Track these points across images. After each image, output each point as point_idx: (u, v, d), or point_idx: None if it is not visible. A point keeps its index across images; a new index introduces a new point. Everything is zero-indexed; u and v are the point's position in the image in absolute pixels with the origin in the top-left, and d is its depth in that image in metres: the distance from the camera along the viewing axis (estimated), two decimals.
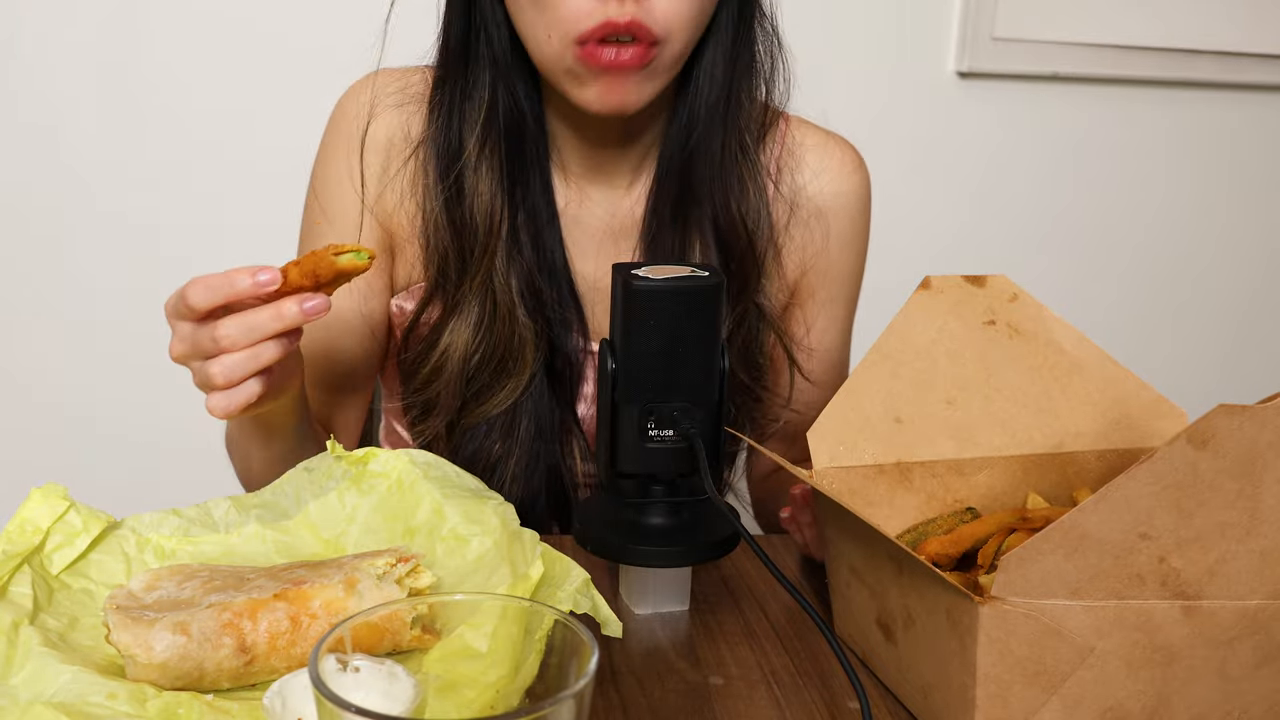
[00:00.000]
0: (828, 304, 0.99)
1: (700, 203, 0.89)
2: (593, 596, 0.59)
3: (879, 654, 0.66)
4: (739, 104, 0.88)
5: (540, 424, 0.90)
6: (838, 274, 0.98)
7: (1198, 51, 1.88)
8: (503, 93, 0.85)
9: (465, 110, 0.86)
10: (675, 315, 0.66)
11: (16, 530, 0.63)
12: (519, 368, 0.88)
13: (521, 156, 0.87)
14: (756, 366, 0.93)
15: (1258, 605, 0.54)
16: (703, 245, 0.89)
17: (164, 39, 1.56)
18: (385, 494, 0.70)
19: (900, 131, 1.87)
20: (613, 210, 0.92)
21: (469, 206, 0.86)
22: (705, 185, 0.88)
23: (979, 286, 0.74)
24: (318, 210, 0.92)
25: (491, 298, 0.87)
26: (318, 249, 0.66)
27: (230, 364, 0.66)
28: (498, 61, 0.85)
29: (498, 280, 0.87)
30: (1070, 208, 1.95)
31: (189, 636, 0.55)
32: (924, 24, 1.80)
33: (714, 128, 0.87)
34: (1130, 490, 0.50)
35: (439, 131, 0.87)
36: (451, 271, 0.88)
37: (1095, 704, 0.55)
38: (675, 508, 0.71)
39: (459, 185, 0.86)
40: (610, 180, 0.92)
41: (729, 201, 0.89)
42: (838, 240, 0.97)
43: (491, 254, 0.86)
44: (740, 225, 0.89)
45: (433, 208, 0.87)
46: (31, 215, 1.60)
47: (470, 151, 0.86)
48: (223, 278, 0.65)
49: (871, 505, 0.70)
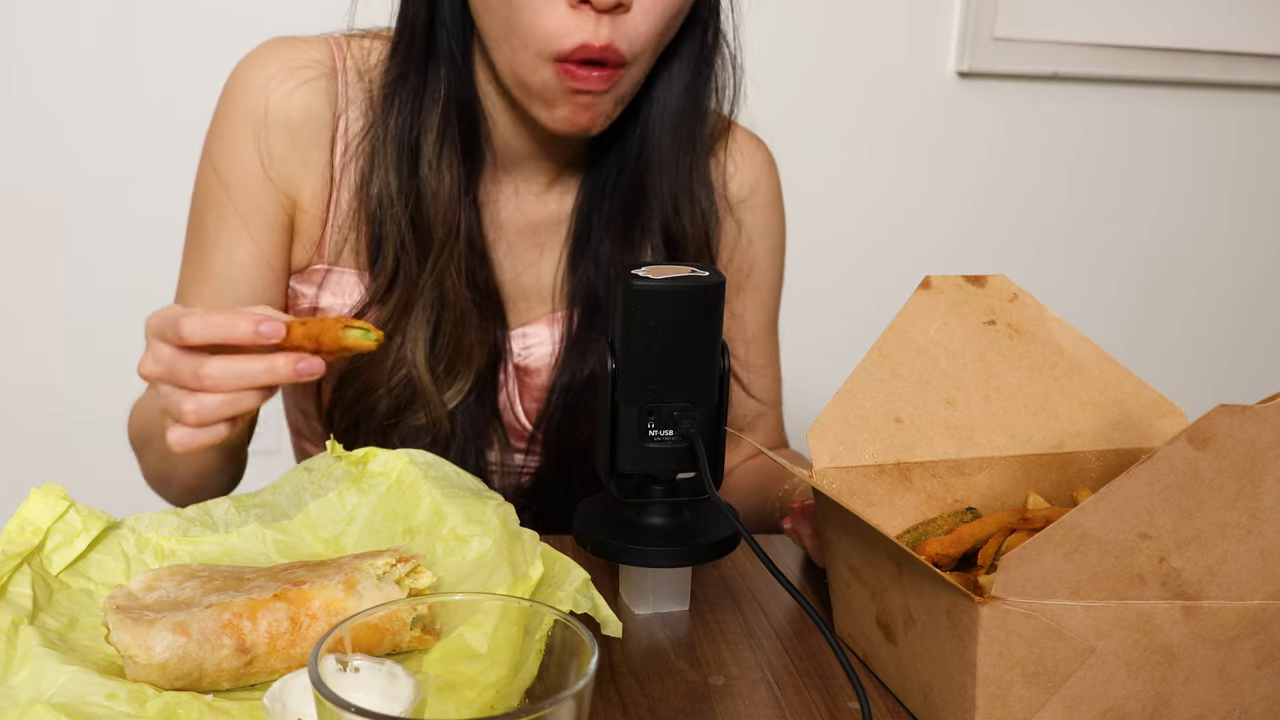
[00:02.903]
0: (752, 293, 1.01)
1: (651, 210, 0.89)
2: (593, 596, 0.59)
3: (879, 654, 0.66)
4: (694, 116, 0.88)
5: (473, 417, 0.89)
6: (758, 263, 1.00)
7: (1198, 51, 1.88)
8: (457, 89, 0.84)
9: (425, 107, 0.84)
10: (675, 315, 0.66)
11: (16, 530, 0.63)
12: (466, 369, 0.87)
13: (477, 154, 0.87)
14: None
15: (1258, 605, 0.54)
16: (653, 252, 0.90)
17: (164, 40, 1.56)
18: (385, 494, 0.70)
19: (900, 131, 1.87)
20: (529, 206, 0.92)
21: (429, 206, 0.84)
22: (658, 194, 0.88)
23: (979, 286, 0.74)
24: (215, 181, 0.88)
25: (441, 297, 0.86)
26: (328, 317, 0.64)
27: (207, 405, 0.64)
28: (454, 56, 0.84)
29: (449, 278, 0.85)
30: (1070, 207, 1.96)
31: (189, 637, 0.55)
32: (924, 24, 1.81)
33: (665, 139, 0.87)
34: (1130, 490, 0.50)
35: (397, 128, 0.85)
36: (408, 271, 0.86)
37: (1095, 704, 0.55)
38: (675, 508, 0.71)
39: (417, 185, 0.84)
40: (530, 176, 0.91)
41: (679, 211, 0.89)
42: (749, 232, 0.99)
43: (449, 252, 0.85)
44: (692, 235, 0.90)
45: (389, 205, 0.85)
46: (31, 217, 1.60)
47: (429, 151, 0.84)
48: (224, 319, 0.63)
49: (871, 505, 0.70)
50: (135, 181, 1.60)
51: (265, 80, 0.87)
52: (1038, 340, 0.74)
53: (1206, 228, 2.02)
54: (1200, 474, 0.50)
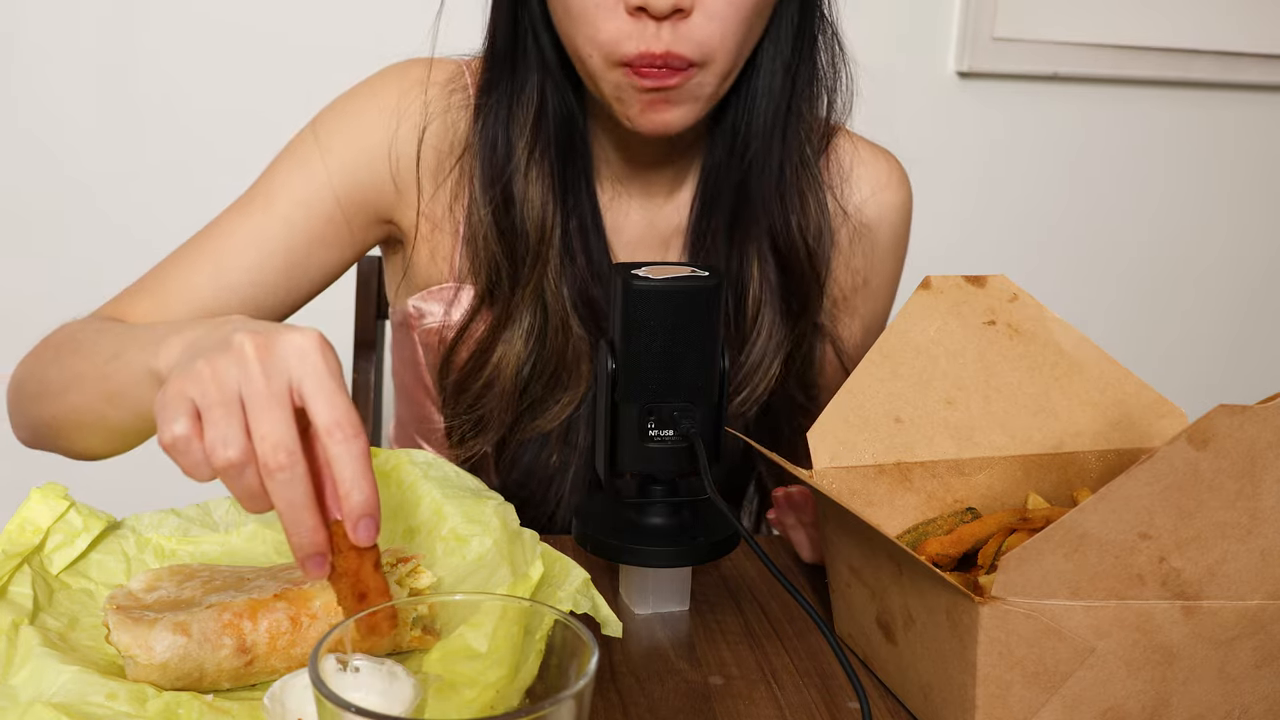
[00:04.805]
0: (866, 316, 0.98)
1: (756, 219, 0.86)
2: (593, 596, 0.59)
3: (879, 654, 0.66)
4: (799, 117, 0.85)
5: None
6: (878, 287, 0.98)
7: (1197, 51, 1.88)
8: (551, 95, 0.83)
9: (514, 113, 0.83)
10: (675, 315, 0.66)
11: (16, 530, 0.63)
12: (574, 380, 0.86)
13: (571, 161, 0.85)
14: (814, 385, 0.92)
15: (1258, 605, 0.54)
16: (760, 261, 0.87)
17: (164, 41, 1.56)
18: (385, 494, 0.70)
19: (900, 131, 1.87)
20: (651, 218, 0.90)
21: (519, 213, 0.83)
22: (762, 201, 0.86)
23: (979, 286, 0.74)
24: (315, 146, 0.86)
25: (543, 308, 0.84)
26: (377, 580, 0.51)
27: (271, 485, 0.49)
28: (546, 64, 0.83)
29: (549, 290, 0.84)
30: (1070, 208, 1.95)
31: (189, 637, 0.55)
32: (924, 24, 1.81)
33: (772, 142, 0.85)
34: (1130, 490, 0.50)
35: (487, 136, 0.84)
36: (503, 281, 0.84)
37: (1095, 704, 0.55)
38: (675, 508, 0.71)
39: (508, 192, 0.83)
40: (649, 187, 0.90)
41: (789, 219, 0.86)
42: (881, 254, 0.96)
43: (544, 262, 0.83)
44: (801, 243, 0.87)
45: (481, 216, 0.84)
46: (31, 218, 1.60)
47: (520, 156, 0.83)
48: (295, 514, 0.49)
49: (871, 505, 0.70)
50: (135, 182, 1.60)
51: (415, 92, 0.86)
52: (1038, 340, 0.74)
53: (1206, 228, 2.02)
54: (1200, 474, 0.50)
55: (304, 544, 0.49)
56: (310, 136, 0.88)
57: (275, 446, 0.48)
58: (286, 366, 0.49)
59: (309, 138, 0.87)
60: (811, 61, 0.86)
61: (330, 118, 0.88)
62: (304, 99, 0.91)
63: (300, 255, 0.86)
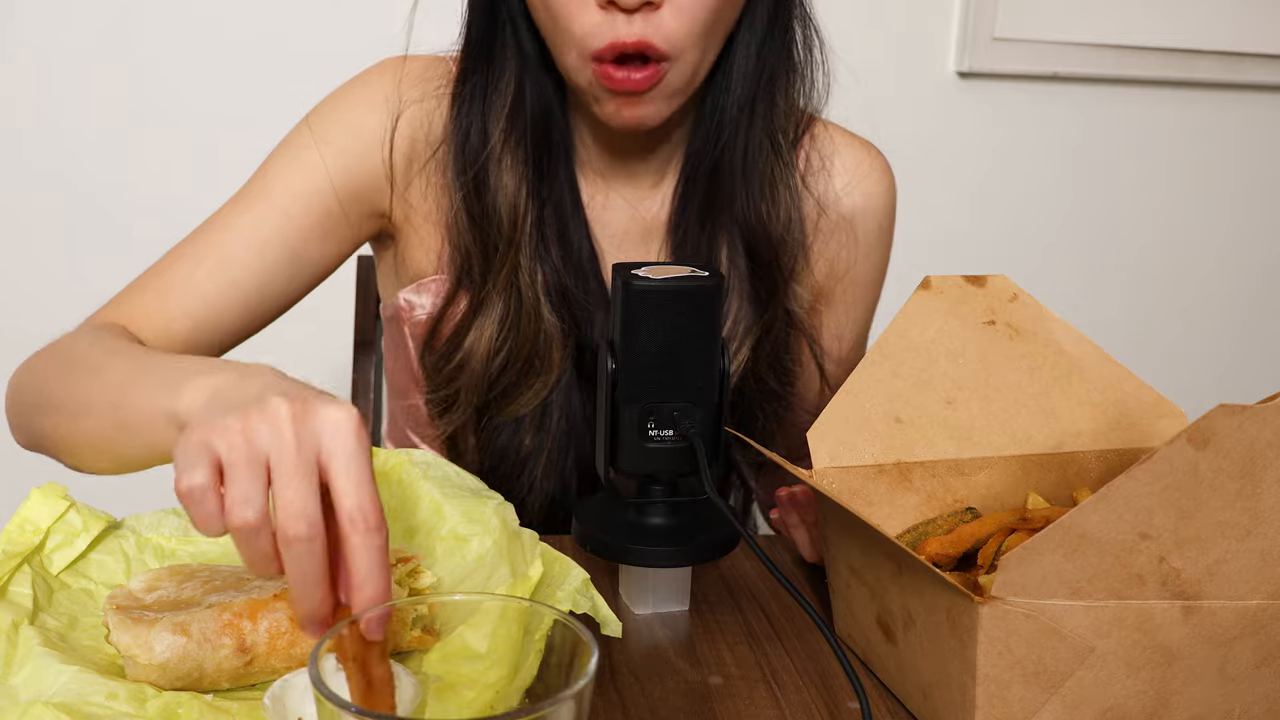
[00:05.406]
0: (850, 307, 0.98)
1: (728, 205, 0.87)
2: (592, 596, 0.59)
3: (879, 654, 0.66)
4: (771, 104, 0.86)
5: (571, 419, 0.88)
6: (862, 279, 0.98)
7: (1198, 51, 1.88)
8: (529, 85, 0.84)
9: (490, 102, 0.84)
10: (675, 315, 0.66)
11: (16, 530, 0.63)
12: (546, 367, 0.87)
13: (548, 150, 0.86)
14: (787, 372, 0.92)
15: (1258, 605, 0.54)
16: (730, 249, 0.88)
17: (164, 45, 1.56)
18: (385, 494, 0.70)
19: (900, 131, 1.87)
20: (637, 209, 0.91)
21: (491, 200, 0.84)
22: (732, 188, 0.87)
23: (979, 286, 0.74)
24: (310, 139, 0.87)
25: (516, 295, 0.85)
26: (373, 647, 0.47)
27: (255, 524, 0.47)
28: (524, 55, 0.84)
29: (523, 277, 0.85)
30: (1070, 208, 1.95)
31: (189, 637, 0.55)
32: (924, 24, 1.80)
33: (744, 128, 0.86)
34: (1130, 490, 0.50)
35: (461, 123, 0.85)
36: (475, 268, 0.86)
37: (1095, 704, 0.55)
38: (675, 508, 0.71)
39: (482, 179, 0.84)
40: (634, 178, 0.91)
41: (757, 205, 0.87)
42: (864, 246, 0.96)
43: (516, 249, 0.84)
44: (768, 229, 0.87)
45: (454, 202, 0.86)
46: (31, 218, 1.60)
47: (495, 143, 0.84)
48: (306, 587, 0.47)
49: (871, 505, 0.70)
50: (136, 183, 1.60)
51: (391, 87, 0.88)
52: (1038, 340, 0.74)
53: (1206, 228, 2.02)
54: (1200, 474, 0.50)
55: (309, 613, 0.48)
56: (305, 131, 0.88)
57: (297, 516, 0.46)
58: (319, 439, 0.48)
59: (304, 132, 0.88)
60: (786, 50, 0.86)
61: (324, 111, 0.89)
62: (304, 103, 0.91)
63: (300, 247, 0.86)
